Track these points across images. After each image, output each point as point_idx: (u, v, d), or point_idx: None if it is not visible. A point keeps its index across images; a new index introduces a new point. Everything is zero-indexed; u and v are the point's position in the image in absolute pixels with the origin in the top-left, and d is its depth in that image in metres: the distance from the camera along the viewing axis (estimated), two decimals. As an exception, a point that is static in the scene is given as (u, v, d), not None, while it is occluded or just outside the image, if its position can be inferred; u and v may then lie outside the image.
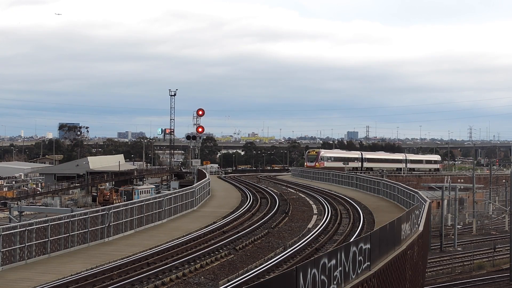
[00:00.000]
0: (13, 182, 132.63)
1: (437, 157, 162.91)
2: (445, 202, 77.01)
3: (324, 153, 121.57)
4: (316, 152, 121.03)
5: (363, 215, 40.54)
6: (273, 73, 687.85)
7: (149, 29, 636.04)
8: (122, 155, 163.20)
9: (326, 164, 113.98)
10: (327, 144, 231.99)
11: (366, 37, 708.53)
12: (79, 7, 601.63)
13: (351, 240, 26.85)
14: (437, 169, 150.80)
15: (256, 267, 24.68)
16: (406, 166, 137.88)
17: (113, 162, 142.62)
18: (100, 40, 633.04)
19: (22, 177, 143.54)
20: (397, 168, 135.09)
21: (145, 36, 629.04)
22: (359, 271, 18.16)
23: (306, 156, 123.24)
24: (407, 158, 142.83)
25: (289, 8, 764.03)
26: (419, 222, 28.59)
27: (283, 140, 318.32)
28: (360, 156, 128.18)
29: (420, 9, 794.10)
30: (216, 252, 27.96)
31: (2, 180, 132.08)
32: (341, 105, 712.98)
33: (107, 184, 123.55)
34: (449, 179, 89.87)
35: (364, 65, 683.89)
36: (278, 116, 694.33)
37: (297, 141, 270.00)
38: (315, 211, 45.38)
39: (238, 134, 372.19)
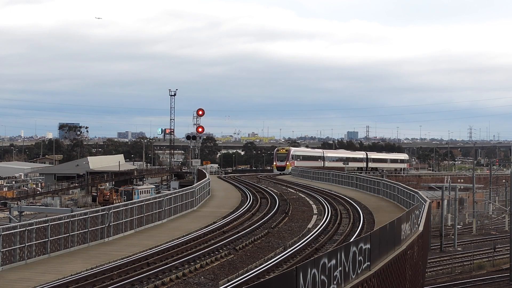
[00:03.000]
0: (13, 182, 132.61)
1: (404, 156, 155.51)
2: (445, 202, 77.00)
3: (295, 151, 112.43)
4: (286, 150, 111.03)
5: (363, 215, 40.52)
6: (271, 72, 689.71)
7: (146, 29, 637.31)
8: (122, 155, 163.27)
9: (297, 163, 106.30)
10: (327, 144, 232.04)
11: (364, 37, 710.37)
12: (75, 6, 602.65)
13: (351, 240, 26.85)
14: (405, 169, 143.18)
15: (256, 267, 24.67)
16: (367, 166, 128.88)
17: (113, 162, 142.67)
18: (96, 40, 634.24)
19: (22, 177, 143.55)
20: (358, 167, 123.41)
21: (142, 36, 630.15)
22: (359, 271, 18.16)
23: (275, 154, 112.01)
24: (368, 157, 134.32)
25: (286, 8, 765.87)
26: (419, 222, 28.59)
27: (283, 140, 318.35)
28: (322, 155, 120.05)
29: (418, 9, 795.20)
30: (216, 252, 27.94)
31: (2, 180, 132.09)
32: (340, 105, 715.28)
33: (107, 184, 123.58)
34: (449, 179, 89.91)
35: (362, 65, 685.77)
36: (277, 116, 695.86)
37: (297, 141, 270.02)
38: (315, 211, 45.36)
39: (238, 134, 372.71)
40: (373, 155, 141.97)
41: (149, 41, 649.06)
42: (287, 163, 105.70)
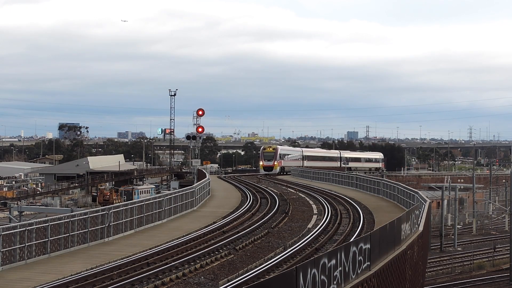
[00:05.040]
0: (13, 182, 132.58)
1: (379, 155, 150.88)
2: (445, 202, 77.01)
3: (282, 150, 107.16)
4: (273, 149, 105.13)
5: (363, 215, 40.51)
6: (270, 72, 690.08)
7: (144, 29, 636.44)
8: (122, 155, 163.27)
9: (284, 163, 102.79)
10: (327, 144, 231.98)
11: (364, 37, 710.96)
12: (73, 6, 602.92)
13: (351, 240, 26.85)
14: (379, 169, 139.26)
15: (256, 267, 24.67)
16: (340, 165, 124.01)
17: (113, 162, 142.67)
18: (95, 40, 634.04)
19: (22, 177, 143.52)
20: (332, 166, 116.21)
21: (140, 36, 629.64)
22: (359, 271, 18.16)
23: (261, 153, 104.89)
24: (341, 156, 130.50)
25: (285, 7, 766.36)
26: (419, 222, 28.59)
27: (283, 140, 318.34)
28: (302, 154, 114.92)
29: (418, 9, 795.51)
30: (216, 252, 27.94)
31: (2, 180, 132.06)
32: (340, 105, 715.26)
33: (107, 184, 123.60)
34: (449, 179, 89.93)
35: (362, 65, 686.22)
36: (277, 116, 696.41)
37: (297, 141, 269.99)
38: (315, 211, 45.36)
39: (238, 134, 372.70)
40: (346, 154, 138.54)
41: (148, 41, 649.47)
42: (275, 163, 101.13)
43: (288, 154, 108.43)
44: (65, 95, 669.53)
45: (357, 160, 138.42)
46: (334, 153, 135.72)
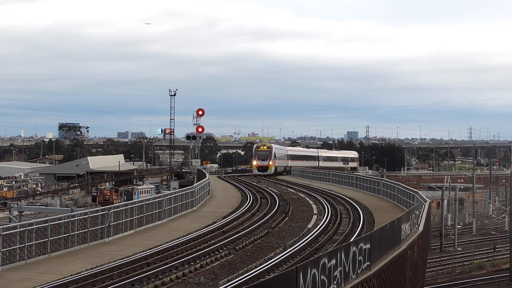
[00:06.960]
0: (13, 182, 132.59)
1: (354, 154, 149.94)
2: (445, 202, 77.01)
3: (276, 149, 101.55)
4: (268, 148, 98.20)
5: (363, 215, 40.51)
6: (269, 72, 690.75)
7: (142, 28, 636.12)
8: (122, 155, 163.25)
9: (277, 162, 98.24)
10: (327, 144, 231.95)
11: (363, 36, 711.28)
12: (71, 6, 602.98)
13: (351, 240, 26.85)
14: (354, 168, 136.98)
15: (256, 267, 24.67)
16: (318, 164, 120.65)
17: (113, 162, 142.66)
18: (93, 39, 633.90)
19: (22, 177, 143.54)
20: (312, 166, 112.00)
21: (139, 35, 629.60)
22: (359, 271, 18.17)
23: (255, 152, 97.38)
24: (319, 155, 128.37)
25: (284, 7, 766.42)
26: (419, 222, 28.59)
27: (283, 140, 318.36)
28: (287, 153, 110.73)
29: (417, 9, 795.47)
30: (216, 252, 27.94)
31: (2, 180, 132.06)
32: (339, 104, 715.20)
33: (107, 184, 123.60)
34: (449, 179, 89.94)
35: (361, 65, 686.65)
36: (276, 116, 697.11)
37: (297, 141, 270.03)
38: (315, 211, 45.35)
39: (238, 134, 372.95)
40: (323, 153, 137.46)
41: (146, 40, 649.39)
42: (270, 163, 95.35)
43: (280, 153, 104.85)
44: (65, 95, 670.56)
45: (334, 159, 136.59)
46: (312, 152, 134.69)
